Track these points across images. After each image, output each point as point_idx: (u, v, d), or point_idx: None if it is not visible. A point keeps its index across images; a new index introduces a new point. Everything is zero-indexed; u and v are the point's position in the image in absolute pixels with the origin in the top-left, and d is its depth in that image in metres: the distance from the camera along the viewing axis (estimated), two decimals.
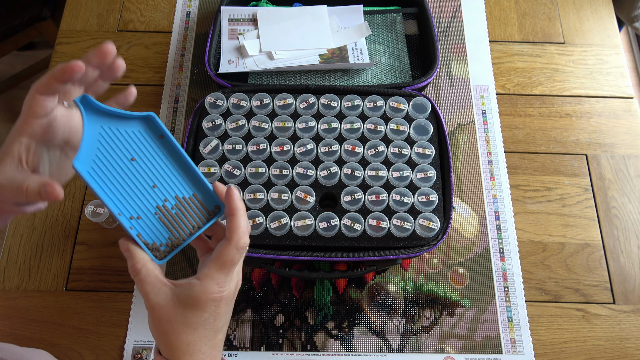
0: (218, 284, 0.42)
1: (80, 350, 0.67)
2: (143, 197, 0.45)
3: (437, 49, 0.79)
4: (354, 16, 0.86)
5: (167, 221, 0.45)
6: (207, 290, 0.42)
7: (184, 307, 0.42)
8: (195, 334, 0.43)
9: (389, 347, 0.68)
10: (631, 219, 0.76)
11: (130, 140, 0.45)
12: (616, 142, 0.82)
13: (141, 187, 0.45)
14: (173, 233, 0.45)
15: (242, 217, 0.44)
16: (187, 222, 0.46)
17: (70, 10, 0.91)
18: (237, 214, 0.43)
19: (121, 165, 0.44)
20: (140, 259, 0.42)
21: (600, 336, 0.69)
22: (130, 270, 0.43)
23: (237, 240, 0.42)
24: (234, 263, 0.43)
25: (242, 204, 0.44)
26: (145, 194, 0.45)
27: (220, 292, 0.43)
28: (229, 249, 0.42)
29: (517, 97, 0.85)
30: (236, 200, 0.44)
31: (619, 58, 0.89)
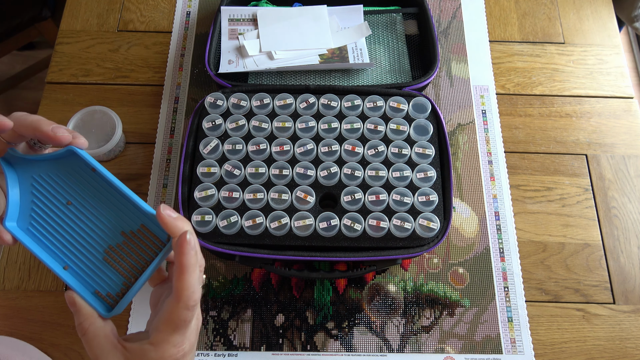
0: (175, 345, 0.38)
1: (80, 350, 0.67)
2: (88, 244, 0.40)
3: (437, 49, 0.79)
4: (354, 16, 0.86)
5: (117, 265, 0.40)
6: (165, 355, 0.38)
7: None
8: None
9: (389, 347, 0.68)
10: (631, 219, 0.76)
11: (62, 184, 0.41)
12: (616, 142, 0.82)
13: (83, 232, 0.40)
14: (126, 276, 0.40)
15: (192, 275, 0.38)
16: (138, 260, 0.40)
17: (70, 10, 0.91)
18: (186, 271, 0.37)
19: (59, 213, 0.40)
20: (87, 316, 0.38)
21: (600, 336, 0.69)
22: (77, 329, 0.38)
23: (186, 301, 0.37)
24: (188, 321, 0.38)
25: (195, 259, 0.38)
26: (89, 239, 0.40)
27: (181, 351, 0.39)
28: (179, 310, 0.37)
29: (517, 97, 0.85)
30: (186, 256, 0.37)
31: (619, 58, 0.89)
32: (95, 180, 0.41)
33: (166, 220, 0.38)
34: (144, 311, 0.69)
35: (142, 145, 0.80)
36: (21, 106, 1.73)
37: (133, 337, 0.40)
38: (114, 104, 0.82)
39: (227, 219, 0.65)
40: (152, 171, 0.78)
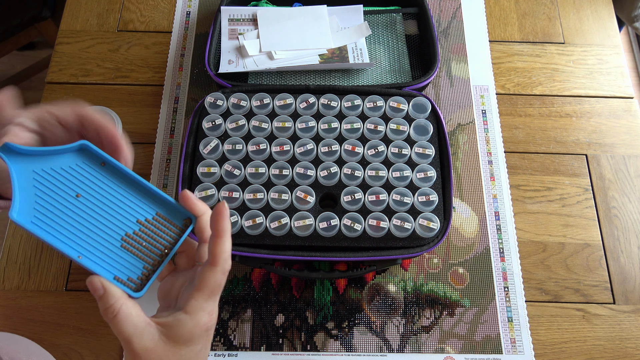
0: (209, 313, 0.39)
1: (80, 350, 0.67)
2: (103, 233, 0.41)
3: (437, 49, 0.79)
4: (354, 16, 0.86)
5: (136, 250, 0.41)
6: (200, 323, 0.39)
7: (176, 345, 0.39)
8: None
9: (389, 347, 0.68)
10: (631, 219, 0.76)
11: (69, 177, 0.41)
12: (616, 142, 0.82)
13: (97, 222, 0.41)
14: (146, 260, 0.42)
15: (228, 240, 0.40)
16: (157, 245, 0.42)
17: (70, 10, 0.91)
18: (223, 235, 0.39)
19: (68, 206, 0.40)
20: (118, 297, 0.38)
21: (600, 336, 0.69)
22: (105, 312, 0.38)
23: (223, 265, 0.39)
24: (221, 288, 0.40)
25: (229, 225, 0.40)
26: (104, 228, 0.41)
27: (211, 320, 0.40)
28: (216, 274, 0.39)
29: (517, 97, 0.85)
30: (224, 221, 0.40)
31: (619, 58, 0.89)
32: (105, 172, 0.42)
33: (193, 201, 0.42)
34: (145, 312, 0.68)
35: (142, 145, 0.80)
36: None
37: (163, 314, 0.40)
38: (114, 104, 0.82)
39: None
40: (152, 171, 0.78)
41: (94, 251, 0.40)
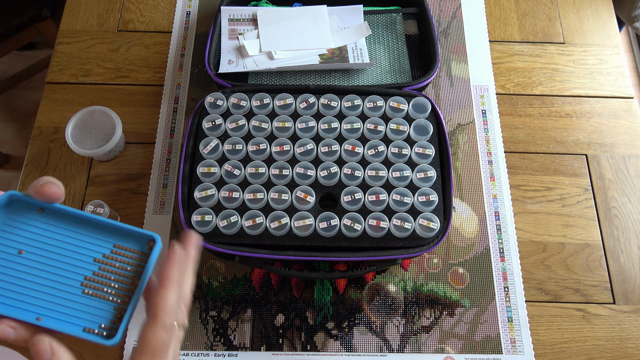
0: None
1: (80, 350, 0.67)
2: (59, 284, 0.36)
3: (437, 49, 0.79)
4: (354, 16, 0.86)
5: (101, 292, 0.37)
6: None
7: None
8: None
9: (389, 347, 0.68)
10: (631, 219, 0.76)
11: (5, 234, 0.36)
12: (616, 142, 0.82)
13: (50, 274, 0.36)
14: (114, 300, 0.37)
15: (171, 291, 0.35)
16: (124, 279, 0.37)
17: (70, 10, 0.91)
18: (167, 285, 0.35)
19: (11, 266, 0.36)
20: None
21: (600, 336, 0.69)
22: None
23: (163, 320, 0.34)
24: (166, 346, 0.34)
25: (175, 274, 0.36)
26: (59, 278, 0.36)
27: None
28: (155, 331, 0.34)
29: (517, 97, 0.85)
30: (172, 268, 0.36)
31: (619, 58, 0.89)
32: (45, 218, 0.37)
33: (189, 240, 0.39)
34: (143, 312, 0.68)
35: (142, 145, 0.80)
36: (21, 106, 1.73)
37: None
38: (114, 104, 0.82)
39: (227, 219, 0.65)
40: (152, 171, 0.78)
41: (53, 307, 0.36)
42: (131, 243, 0.39)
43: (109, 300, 0.37)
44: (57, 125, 0.81)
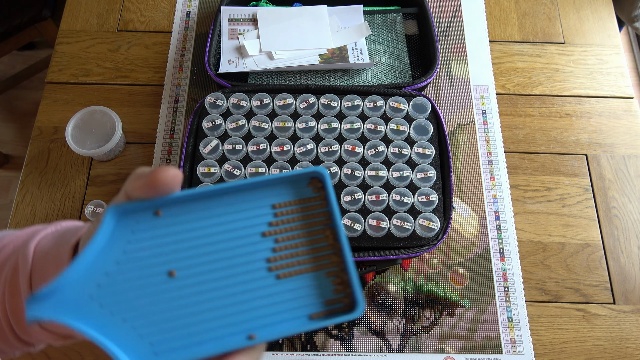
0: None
1: (80, 350, 0.67)
2: (242, 286, 0.27)
3: (437, 49, 0.79)
4: (354, 16, 0.86)
5: (297, 267, 0.28)
6: None
7: None
8: None
9: (389, 347, 0.68)
10: (631, 219, 0.76)
11: (136, 262, 0.28)
12: (616, 142, 0.82)
13: (224, 280, 0.27)
14: (320, 266, 0.28)
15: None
16: (308, 238, 0.28)
17: (70, 10, 0.91)
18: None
19: (175, 296, 0.27)
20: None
21: (600, 336, 0.69)
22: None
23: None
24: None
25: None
26: (238, 279, 0.27)
27: None
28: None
29: (517, 97, 0.85)
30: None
31: (619, 58, 0.89)
32: (171, 220, 0.28)
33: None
34: None
35: (142, 145, 0.80)
36: (21, 106, 1.73)
37: None
38: (114, 104, 0.82)
39: None
40: None
41: (254, 315, 0.27)
42: (288, 193, 0.29)
43: (311, 270, 0.27)
44: (57, 125, 0.81)
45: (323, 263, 0.27)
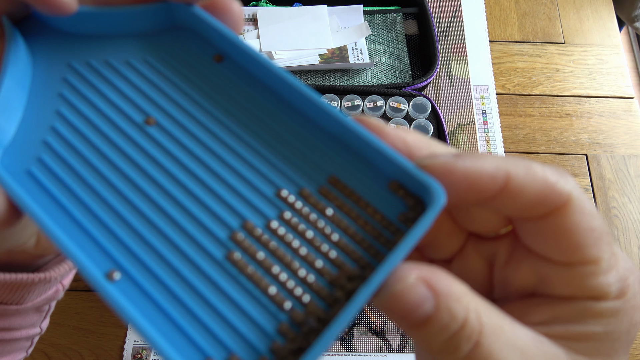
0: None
1: (80, 350, 0.67)
2: (183, 222, 0.18)
3: (437, 49, 0.79)
4: (354, 16, 0.86)
5: (269, 280, 0.17)
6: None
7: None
8: None
9: (389, 347, 0.68)
10: (631, 219, 0.76)
11: (141, 81, 0.20)
12: (616, 142, 0.82)
13: (176, 195, 0.18)
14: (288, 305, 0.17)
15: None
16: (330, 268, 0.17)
17: None
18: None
19: (125, 146, 0.19)
20: (465, 302, 0.16)
21: None
22: (451, 344, 0.16)
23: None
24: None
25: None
26: (187, 212, 0.18)
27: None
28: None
29: (517, 97, 0.85)
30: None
31: (619, 58, 0.89)
32: (222, 79, 0.20)
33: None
34: None
35: None
36: None
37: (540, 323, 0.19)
38: None
39: None
40: None
41: (153, 267, 0.17)
42: (359, 180, 0.19)
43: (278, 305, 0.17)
44: None
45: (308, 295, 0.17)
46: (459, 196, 0.17)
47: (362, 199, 0.18)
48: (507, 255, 0.20)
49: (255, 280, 0.17)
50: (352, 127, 0.18)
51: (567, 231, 0.17)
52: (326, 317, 0.16)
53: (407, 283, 0.15)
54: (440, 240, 0.21)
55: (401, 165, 0.17)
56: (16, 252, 0.29)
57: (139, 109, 0.19)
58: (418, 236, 0.16)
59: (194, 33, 0.21)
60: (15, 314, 0.33)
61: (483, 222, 0.20)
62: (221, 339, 0.16)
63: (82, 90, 0.20)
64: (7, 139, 0.19)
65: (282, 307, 0.17)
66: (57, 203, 0.18)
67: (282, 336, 0.16)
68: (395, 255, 0.16)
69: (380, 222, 0.18)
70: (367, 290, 0.15)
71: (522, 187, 0.17)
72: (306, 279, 0.17)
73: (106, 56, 0.20)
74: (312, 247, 0.17)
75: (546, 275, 0.18)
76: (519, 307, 0.19)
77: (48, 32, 0.20)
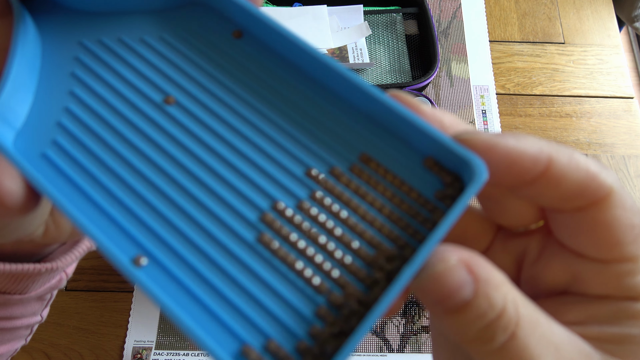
0: None
1: (80, 350, 0.67)
2: (209, 203, 0.17)
3: (437, 49, 0.79)
4: (354, 16, 0.86)
5: (305, 262, 0.16)
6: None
7: None
8: None
9: (389, 347, 0.68)
10: None
11: (159, 60, 0.19)
12: (616, 142, 0.82)
13: (201, 176, 0.17)
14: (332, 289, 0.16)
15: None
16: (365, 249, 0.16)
17: None
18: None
19: (147, 128, 0.18)
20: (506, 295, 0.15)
21: None
22: (485, 334, 0.15)
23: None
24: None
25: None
26: (213, 193, 0.17)
27: None
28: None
29: (517, 97, 0.85)
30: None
31: (619, 58, 0.89)
32: (242, 55, 0.19)
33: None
34: (144, 311, 0.69)
35: None
36: None
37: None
38: None
39: None
40: None
41: (178, 251, 0.17)
42: (391, 157, 0.18)
43: (318, 287, 0.16)
44: None
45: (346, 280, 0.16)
46: (497, 177, 0.16)
47: (396, 177, 0.17)
48: (537, 251, 0.19)
49: (290, 262, 0.16)
50: (388, 103, 0.17)
51: (605, 226, 0.16)
52: (366, 299, 0.16)
53: (449, 264, 0.15)
54: (467, 237, 0.20)
55: (440, 139, 0.16)
56: (23, 242, 0.28)
57: (157, 88, 0.18)
58: (459, 212, 0.15)
59: (211, 8, 0.20)
60: (17, 303, 0.33)
61: (515, 214, 0.19)
62: (257, 324, 0.16)
63: (96, 69, 0.19)
64: (19, 121, 0.18)
65: (320, 289, 0.16)
66: (75, 186, 0.17)
67: (321, 320, 0.16)
68: (437, 233, 0.15)
69: (416, 200, 0.17)
70: (410, 270, 0.15)
71: (563, 174, 0.16)
72: (343, 261, 0.16)
73: (120, 34, 0.19)
74: (347, 227, 0.17)
75: (580, 272, 0.17)
76: (550, 305, 0.18)
77: (57, 10, 0.19)
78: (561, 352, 0.15)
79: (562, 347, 0.16)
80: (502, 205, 0.19)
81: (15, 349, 0.37)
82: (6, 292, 0.31)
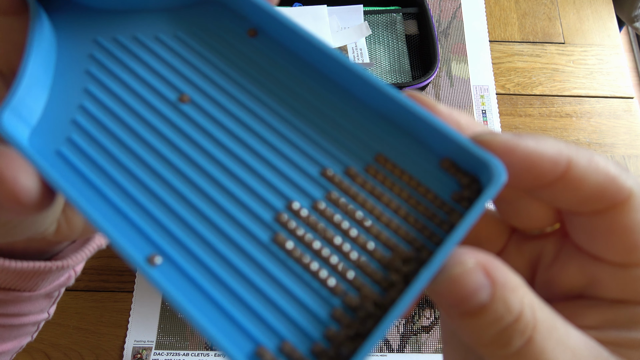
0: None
1: (80, 350, 0.67)
2: (225, 203, 0.17)
3: (437, 49, 0.79)
4: (354, 16, 0.86)
5: (319, 262, 0.16)
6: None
7: None
8: None
9: (389, 347, 0.68)
10: None
11: (173, 58, 0.19)
12: (616, 142, 0.82)
13: (216, 175, 0.17)
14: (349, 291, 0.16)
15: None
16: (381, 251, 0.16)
17: None
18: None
19: (160, 126, 0.18)
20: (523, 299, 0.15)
21: None
22: (501, 338, 0.15)
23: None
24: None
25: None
26: (227, 193, 0.17)
27: None
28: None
29: (517, 97, 0.85)
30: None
31: (619, 58, 0.89)
32: (257, 54, 0.19)
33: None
34: (144, 311, 0.69)
35: None
36: None
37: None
38: None
39: None
40: None
41: (194, 251, 0.17)
42: (407, 158, 0.18)
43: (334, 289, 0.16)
44: None
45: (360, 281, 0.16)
46: (515, 179, 0.16)
47: (412, 178, 0.17)
48: (553, 254, 0.19)
49: (305, 263, 0.16)
50: (405, 103, 0.17)
51: (624, 229, 0.16)
52: (383, 301, 0.15)
53: (467, 267, 0.15)
54: (481, 239, 0.20)
55: (458, 140, 0.16)
56: (35, 239, 0.28)
57: (172, 86, 0.19)
58: (477, 215, 0.15)
59: (226, 7, 0.20)
60: (26, 300, 0.33)
61: (531, 216, 0.18)
62: (272, 325, 0.15)
63: (110, 67, 0.19)
64: (35, 119, 0.18)
65: (335, 291, 0.16)
66: (90, 184, 0.17)
67: (337, 322, 0.15)
68: (455, 235, 0.15)
69: (433, 202, 0.17)
70: (428, 272, 0.15)
71: (583, 176, 0.16)
72: (359, 262, 0.16)
73: (134, 32, 0.19)
74: (362, 228, 0.16)
75: (597, 276, 0.17)
76: (566, 309, 0.17)
77: (72, 8, 0.20)
78: (578, 356, 0.15)
79: (579, 351, 0.15)
80: (517, 207, 0.19)
81: (22, 346, 0.37)
82: (16, 289, 0.31)
